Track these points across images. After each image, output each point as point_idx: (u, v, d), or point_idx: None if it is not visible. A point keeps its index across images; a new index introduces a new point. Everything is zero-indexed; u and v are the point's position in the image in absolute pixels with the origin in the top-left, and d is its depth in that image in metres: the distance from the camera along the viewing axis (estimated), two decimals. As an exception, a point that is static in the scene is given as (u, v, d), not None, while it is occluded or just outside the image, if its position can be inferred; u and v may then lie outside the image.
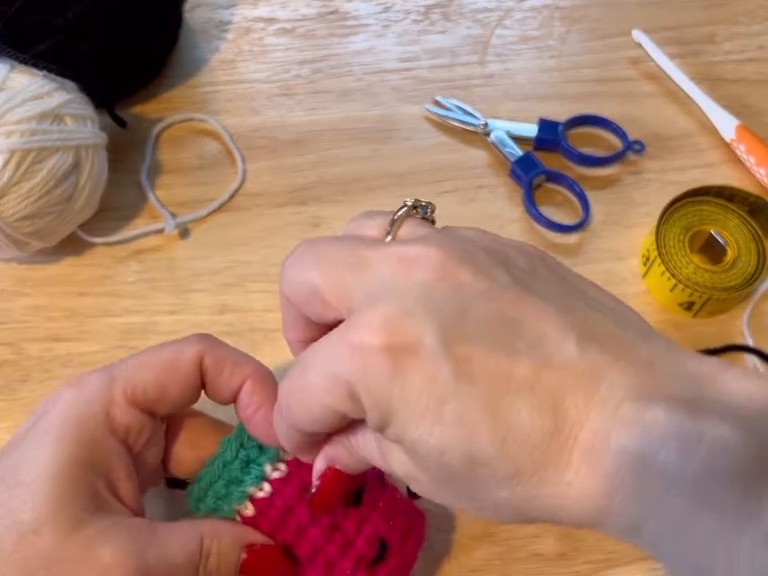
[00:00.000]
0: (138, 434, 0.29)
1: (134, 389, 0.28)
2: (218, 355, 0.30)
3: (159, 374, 0.29)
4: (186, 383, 0.29)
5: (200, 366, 0.29)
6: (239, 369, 0.30)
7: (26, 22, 0.43)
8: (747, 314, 0.42)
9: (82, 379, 0.29)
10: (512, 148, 0.48)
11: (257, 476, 0.30)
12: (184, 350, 0.29)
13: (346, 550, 0.30)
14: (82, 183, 0.41)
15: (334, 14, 0.56)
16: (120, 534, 0.26)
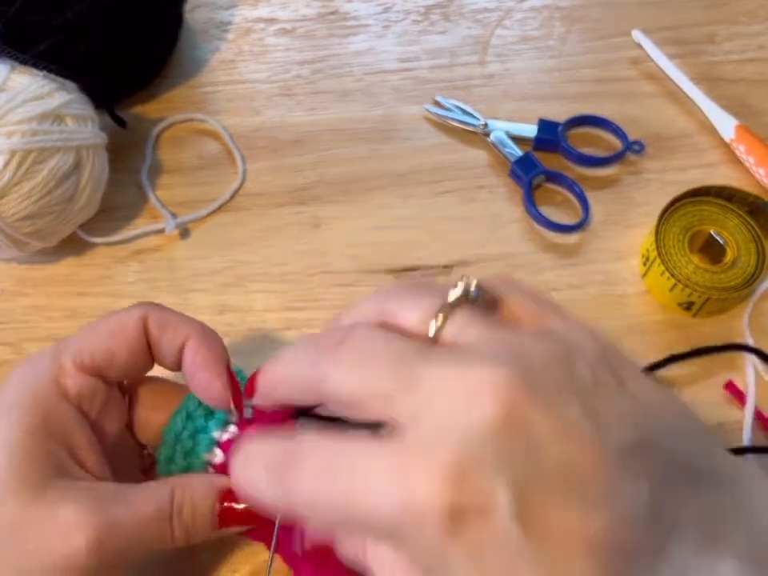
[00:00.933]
0: (91, 399, 0.29)
1: (81, 355, 0.29)
2: (161, 317, 0.30)
3: (105, 339, 0.29)
4: (131, 346, 0.30)
5: (144, 329, 0.30)
6: (181, 328, 0.30)
7: (26, 22, 0.43)
8: (748, 313, 0.42)
9: (31, 356, 0.30)
10: (512, 148, 0.48)
11: (207, 444, 0.30)
12: (127, 314, 0.30)
13: None
14: (83, 183, 0.41)
15: (334, 15, 0.56)
16: (81, 494, 0.26)
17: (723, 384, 0.40)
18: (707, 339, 0.42)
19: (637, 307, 0.43)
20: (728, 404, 0.40)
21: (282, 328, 0.42)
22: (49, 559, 0.26)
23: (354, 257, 0.45)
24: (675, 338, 0.42)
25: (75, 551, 0.26)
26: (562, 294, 0.44)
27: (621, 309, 0.43)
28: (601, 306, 0.43)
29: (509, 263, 0.45)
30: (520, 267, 0.45)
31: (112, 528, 0.26)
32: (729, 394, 0.40)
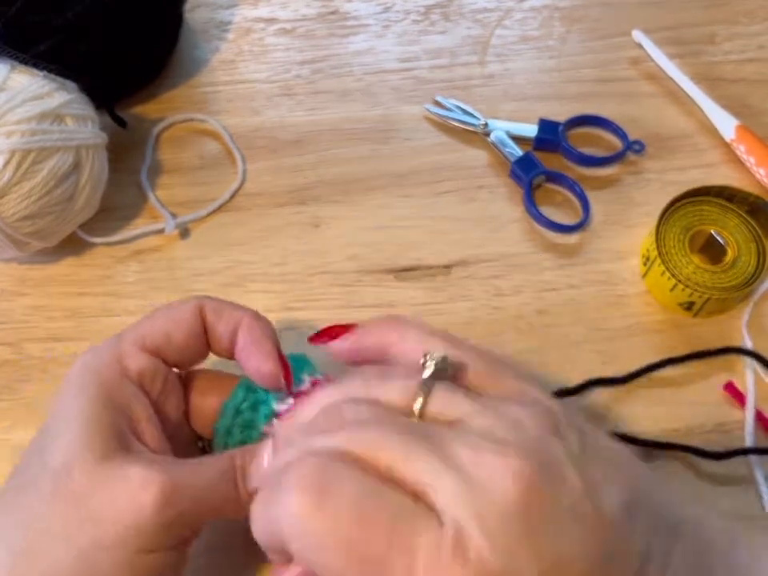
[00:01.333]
0: (152, 378, 0.31)
1: (142, 337, 0.31)
2: (215, 305, 0.32)
3: (163, 323, 0.31)
4: (188, 330, 0.31)
5: (200, 315, 0.32)
6: (235, 313, 0.32)
7: (27, 22, 0.43)
8: (747, 314, 0.42)
9: (93, 345, 0.31)
10: (512, 148, 0.48)
11: (267, 415, 0.31)
12: (185, 303, 0.32)
13: None
14: (83, 183, 0.41)
15: (334, 15, 0.56)
16: (146, 458, 0.28)
17: (722, 385, 0.40)
18: (708, 339, 0.42)
19: (637, 307, 0.43)
20: (727, 404, 0.40)
21: (282, 328, 0.42)
22: (117, 522, 0.27)
23: (353, 257, 0.45)
24: (675, 338, 0.42)
25: (149, 508, 0.27)
26: (561, 294, 0.44)
27: (621, 309, 0.43)
28: (601, 306, 0.43)
29: (509, 263, 0.45)
30: (520, 267, 0.45)
31: (177, 487, 0.27)
32: (728, 394, 0.40)
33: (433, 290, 0.44)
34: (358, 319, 0.42)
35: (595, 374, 0.41)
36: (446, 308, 0.43)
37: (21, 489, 0.28)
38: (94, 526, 0.27)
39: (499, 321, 0.43)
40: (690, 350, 0.41)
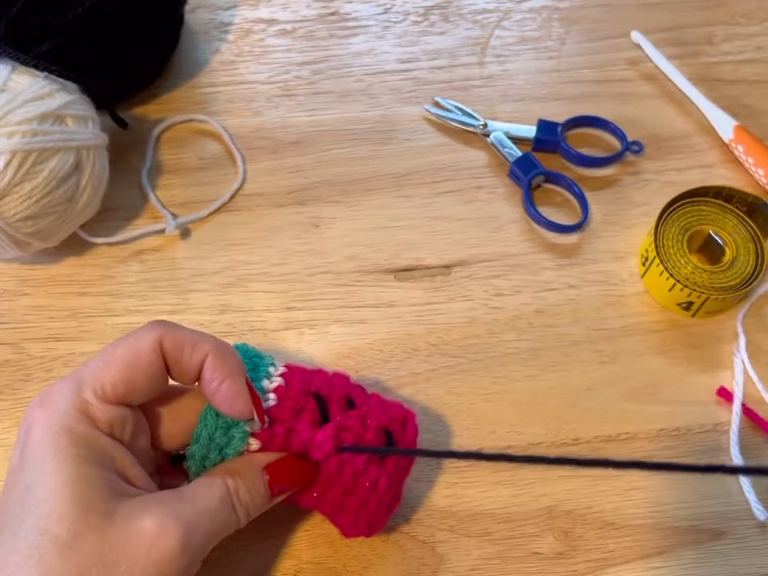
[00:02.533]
0: (123, 426, 0.29)
1: (103, 388, 0.29)
2: (176, 337, 0.30)
3: (123, 369, 0.29)
4: (150, 372, 0.29)
5: (161, 352, 0.30)
6: (198, 347, 0.30)
7: (27, 22, 0.43)
8: (743, 313, 0.42)
9: (48, 394, 0.29)
10: (511, 148, 0.48)
11: (242, 436, 0.31)
12: (142, 339, 0.29)
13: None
14: (84, 184, 0.42)
15: (335, 16, 0.56)
16: (152, 504, 0.28)
17: (716, 387, 0.40)
18: (706, 339, 0.42)
19: (636, 307, 0.43)
20: (721, 405, 0.40)
21: (281, 328, 0.43)
22: (145, 572, 0.26)
23: (353, 257, 0.45)
24: (674, 337, 0.42)
25: (169, 555, 0.27)
26: (561, 294, 0.44)
27: (620, 309, 0.43)
28: (600, 306, 0.43)
29: (508, 263, 0.45)
30: (519, 267, 0.45)
31: (191, 529, 0.27)
32: (721, 398, 0.40)
33: (432, 290, 0.44)
34: (357, 319, 0.43)
35: (595, 373, 0.41)
36: (445, 308, 0.43)
37: (26, 550, 0.26)
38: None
39: (498, 321, 0.43)
40: (689, 349, 0.42)
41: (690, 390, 0.41)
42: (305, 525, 0.37)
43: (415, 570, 0.36)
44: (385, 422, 0.33)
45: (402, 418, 0.35)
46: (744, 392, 0.40)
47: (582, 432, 0.40)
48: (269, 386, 0.32)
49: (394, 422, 0.34)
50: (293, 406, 0.32)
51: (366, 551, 0.36)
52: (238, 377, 0.30)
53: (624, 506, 0.37)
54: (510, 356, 0.42)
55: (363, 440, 0.32)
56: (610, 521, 0.37)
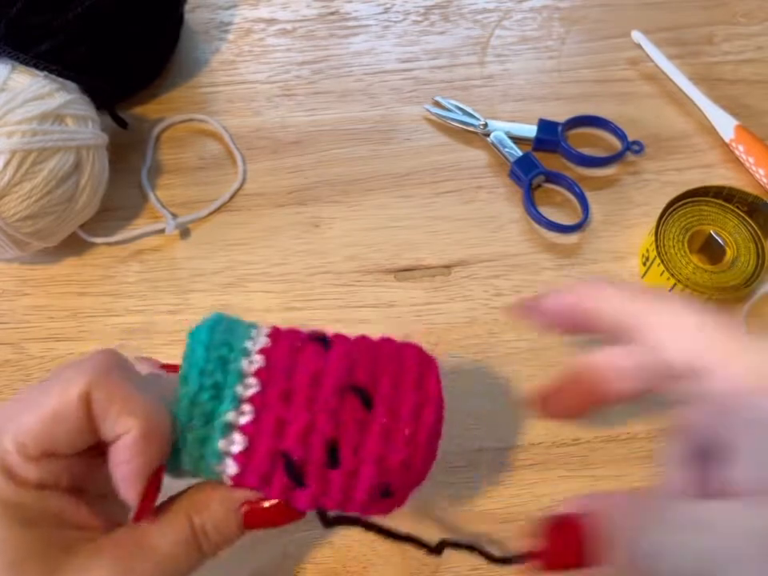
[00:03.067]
0: (56, 476, 0.26)
1: (24, 444, 0.25)
2: (107, 394, 0.25)
3: (45, 424, 0.25)
4: (74, 428, 0.25)
5: (88, 406, 0.25)
6: (125, 417, 0.25)
7: (27, 22, 0.43)
8: (744, 313, 0.42)
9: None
10: (511, 148, 0.48)
11: (237, 373, 0.27)
12: (67, 391, 0.25)
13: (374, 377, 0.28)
14: (83, 183, 0.41)
15: (335, 15, 0.56)
16: (104, 557, 0.25)
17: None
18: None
19: (636, 307, 0.43)
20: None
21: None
22: None
23: (353, 257, 0.45)
24: (674, 337, 0.42)
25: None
26: (561, 293, 0.44)
27: (620, 309, 0.43)
28: (600, 305, 0.43)
29: (508, 263, 0.45)
30: (520, 267, 0.45)
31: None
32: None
33: (432, 289, 0.44)
34: (357, 319, 0.43)
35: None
36: (445, 308, 0.43)
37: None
38: None
39: (499, 321, 0.43)
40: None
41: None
42: (305, 525, 0.37)
43: (415, 569, 0.36)
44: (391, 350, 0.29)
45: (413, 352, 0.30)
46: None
47: (583, 432, 0.39)
48: (251, 346, 0.28)
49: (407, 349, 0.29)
50: (289, 347, 0.28)
51: (366, 551, 0.36)
52: (144, 469, 0.25)
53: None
54: (510, 356, 0.42)
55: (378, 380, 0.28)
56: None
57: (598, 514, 0.23)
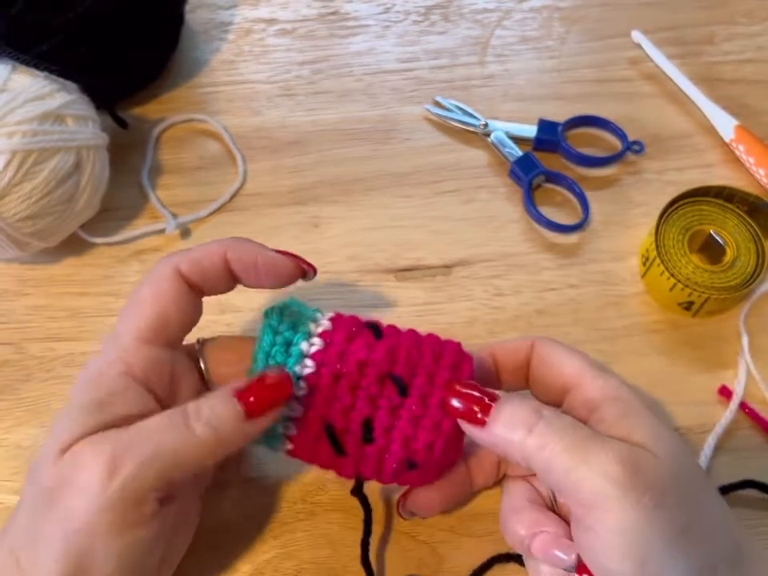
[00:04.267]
0: (159, 373, 0.31)
1: (138, 329, 0.30)
2: (190, 258, 0.32)
3: (150, 306, 0.31)
4: (178, 300, 0.31)
5: (181, 279, 0.31)
6: (214, 255, 0.32)
7: (28, 22, 0.43)
8: (744, 313, 0.42)
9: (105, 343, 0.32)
10: (512, 148, 0.48)
11: (297, 356, 0.32)
12: (160, 274, 0.32)
13: (414, 370, 0.33)
14: (84, 184, 0.42)
15: (335, 15, 0.56)
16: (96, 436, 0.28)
17: (716, 387, 0.40)
18: (706, 339, 0.42)
19: (636, 307, 0.43)
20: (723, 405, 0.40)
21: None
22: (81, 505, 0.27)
23: (353, 257, 0.45)
24: (674, 337, 0.42)
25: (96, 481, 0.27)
26: (561, 293, 0.44)
27: (620, 309, 0.43)
28: (600, 306, 0.43)
29: (508, 263, 0.45)
30: (520, 267, 0.45)
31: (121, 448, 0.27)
32: (723, 398, 0.40)
33: (433, 289, 0.44)
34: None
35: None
36: (446, 308, 0.43)
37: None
38: (64, 521, 0.27)
39: (499, 321, 0.43)
40: (690, 349, 0.41)
41: (690, 389, 0.41)
42: (305, 525, 0.37)
43: (416, 569, 0.36)
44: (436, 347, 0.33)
45: (455, 348, 0.34)
46: (746, 392, 0.40)
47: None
48: (314, 329, 0.33)
49: (447, 347, 0.34)
50: (345, 334, 0.33)
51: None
52: (261, 253, 0.32)
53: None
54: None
55: (420, 365, 0.33)
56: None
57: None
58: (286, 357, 0.32)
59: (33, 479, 0.29)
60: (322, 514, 0.37)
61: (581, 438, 0.28)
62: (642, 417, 0.30)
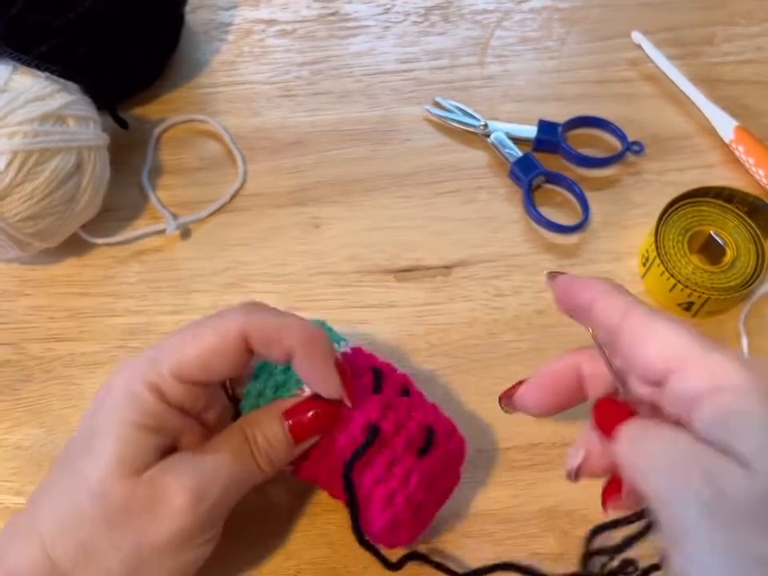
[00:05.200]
0: (194, 403, 0.31)
1: (180, 368, 0.30)
2: (261, 331, 0.30)
3: (203, 355, 0.30)
4: (231, 360, 0.30)
5: (244, 343, 0.30)
6: (285, 338, 0.30)
7: (28, 23, 0.43)
8: (744, 313, 0.42)
9: (131, 361, 0.31)
10: (511, 149, 0.48)
11: (298, 379, 0.32)
12: (226, 330, 0.30)
13: (398, 429, 0.32)
14: (84, 184, 0.42)
15: (335, 16, 0.56)
16: (175, 463, 0.30)
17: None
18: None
19: (636, 307, 0.43)
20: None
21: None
22: (161, 527, 0.29)
23: (353, 257, 0.45)
24: (674, 338, 0.42)
25: (178, 511, 0.29)
26: (561, 294, 0.44)
27: (620, 309, 0.43)
28: (600, 306, 0.43)
29: (508, 264, 0.45)
30: (519, 267, 0.45)
31: (206, 482, 0.29)
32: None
33: (432, 290, 0.44)
34: (357, 319, 0.43)
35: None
36: (445, 308, 0.43)
37: (70, 488, 0.29)
38: (137, 533, 0.29)
39: (499, 321, 0.43)
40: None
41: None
42: (305, 525, 0.37)
43: (417, 569, 0.36)
44: (431, 420, 0.34)
45: (450, 428, 0.34)
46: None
47: (583, 432, 0.39)
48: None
49: (439, 425, 0.34)
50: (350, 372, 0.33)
51: (366, 552, 0.36)
52: (324, 364, 0.31)
53: (624, 506, 0.37)
54: (510, 356, 0.42)
55: (404, 427, 0.33)
56: (610, 521, 0.37)
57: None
58: (285, 378, 0.33)
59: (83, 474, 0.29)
60: (321, 514, 0.37)
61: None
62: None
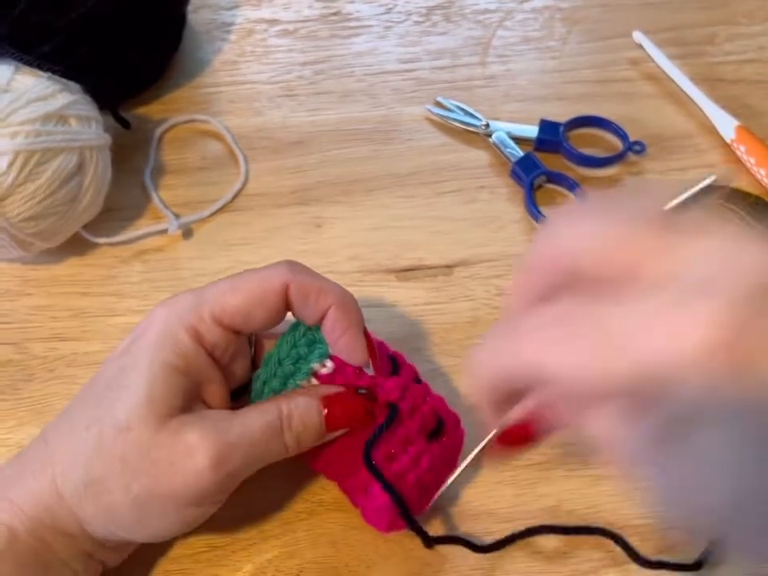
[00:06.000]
0: (224, 350, 0.32)
1: (222, 312, 0.31)
2: (303, 285, 0.31)
3: (246, 301, 0.31)
4: (271, 310, 0.31)
5: (285, 295, 0.31)
6: (323, 297, 0.32)
7: (30, 23, 0.43)
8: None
9: (174, 299, 0.32)
10: (513, 149, 0.48)
11: (306, 372, 0.33)
12: (270, 280, 0.31)
13: (414, 412, 0.33)
14: (86, 184, 0.42)
15: (336, 16, 0.56)
16: (202, 421, 0.30)
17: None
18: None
19: (637, 307, 0.43)
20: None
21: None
22: (173, 481, 0.29)
23: (355, 257, 0.45)
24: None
25: (197, 471, 0.29)
26: (562, 293, 0.44)
27: (621, 309, 0.43)
28: (601, 305, 0.43)
29: (510, 263, 0.45)
30: (521, 267, 0.45)
31: (230, 447, 0.29)
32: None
33: (434, 289, 0.44)
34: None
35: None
36: (447, 308, 0.43)
37: (93, 420, 0.30)
38: (151, 479, 0.29)
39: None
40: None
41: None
42: (307, 524, 0.37)
43: (418, 569, 0.36)
44: (441, 409, 0.35)
45: (456, 419, 0.35)
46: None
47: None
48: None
49: (448, 416, 0.35)
50: (343, 381, 0.34)
51: (369, 551, 0.36)
52: (356, 329, 0.32)
53: (625, 505, 0.37)
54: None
55: (419, 410, 0.33)
56: (611, 521, 0.37)
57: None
58: (294, 369, 0.33)
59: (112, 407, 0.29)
60: (323, 514, 0.37)
61: None
62: None
